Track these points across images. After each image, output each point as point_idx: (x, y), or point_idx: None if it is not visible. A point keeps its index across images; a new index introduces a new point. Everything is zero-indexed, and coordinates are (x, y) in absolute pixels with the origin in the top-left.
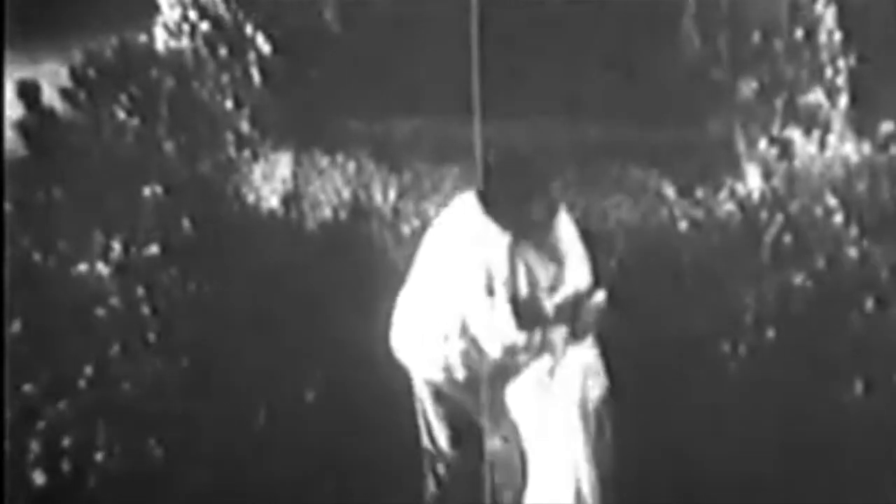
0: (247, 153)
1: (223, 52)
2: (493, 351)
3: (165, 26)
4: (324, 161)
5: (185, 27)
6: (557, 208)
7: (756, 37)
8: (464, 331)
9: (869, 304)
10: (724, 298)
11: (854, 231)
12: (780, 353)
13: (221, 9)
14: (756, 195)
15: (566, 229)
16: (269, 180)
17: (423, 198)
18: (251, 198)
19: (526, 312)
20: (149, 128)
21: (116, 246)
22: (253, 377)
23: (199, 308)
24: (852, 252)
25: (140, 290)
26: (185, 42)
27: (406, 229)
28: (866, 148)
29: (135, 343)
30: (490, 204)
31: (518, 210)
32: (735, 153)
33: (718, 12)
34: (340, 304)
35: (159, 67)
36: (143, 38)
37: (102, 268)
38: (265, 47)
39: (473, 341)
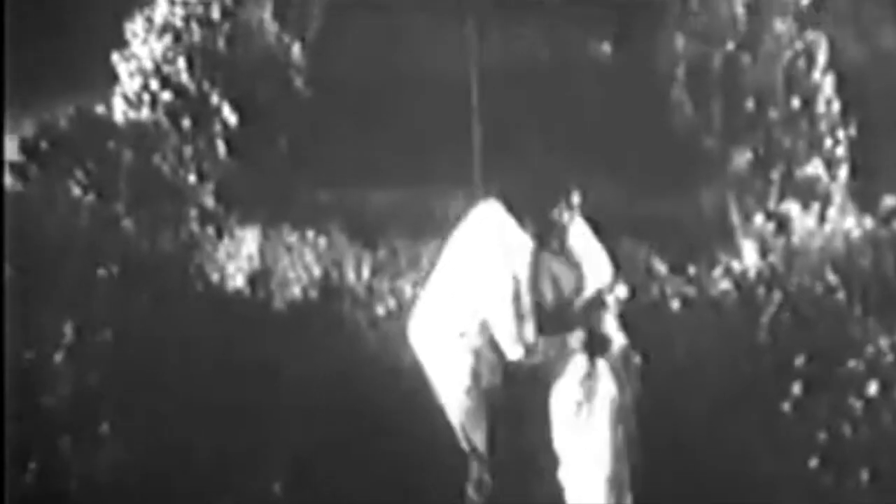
0: (211, 229)
1: (186, 122)
2: (514, 354)
3: (125, 96)
4: (293, 237)
5: (146, 97)
6: (575, 213)
7: (750, 105)
8: (482, 329)
9: (872, 388)
10: (719, 381)
11: (857, 310)
12: (779, 437)
13: (185, 77)
14: (752, 272)
15: (583, 231)
16: (235, 258)
17: (398, 275)
18: (215, 277)
19: (549, 317)
20: (106, 204)
21: (68, 331)
22: (216, 467)
23: (157, 396)
24: (855, 332)
25: (93, 378)
26: (145, 113)
27: (381, 309)
28: (868, 222)
29: (86, 435)
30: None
31: (539, 215)
32: (729, 227)
33: (710, 79)
34: (311, 389)
35: (118, 139)
36: (100, 108)
37: (54, 354)
38: (231, 118)
39: (490, 342)
